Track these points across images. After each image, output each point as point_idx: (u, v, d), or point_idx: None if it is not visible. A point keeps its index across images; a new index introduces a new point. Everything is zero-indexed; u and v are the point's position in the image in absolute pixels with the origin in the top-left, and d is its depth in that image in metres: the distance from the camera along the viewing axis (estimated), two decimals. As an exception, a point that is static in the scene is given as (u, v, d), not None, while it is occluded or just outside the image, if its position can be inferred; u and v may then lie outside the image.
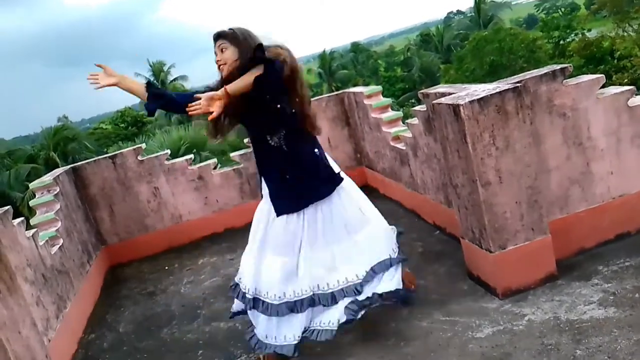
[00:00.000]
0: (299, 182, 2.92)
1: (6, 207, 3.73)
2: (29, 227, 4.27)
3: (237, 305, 3.21)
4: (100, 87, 2.80)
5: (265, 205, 3.02)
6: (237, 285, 3.14)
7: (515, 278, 3.18)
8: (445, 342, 2.90)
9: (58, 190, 5.10)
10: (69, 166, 6.00)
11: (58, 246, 4.51)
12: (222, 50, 2.82)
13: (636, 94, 3.47)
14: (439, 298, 3.40)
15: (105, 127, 39.41)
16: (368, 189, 6.15)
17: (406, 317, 3.26)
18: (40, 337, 3.21)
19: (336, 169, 3.08)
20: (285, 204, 2.93)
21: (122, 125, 37.63)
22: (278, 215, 2.93)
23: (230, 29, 2.85)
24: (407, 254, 4.18)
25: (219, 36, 2.86)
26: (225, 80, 2.77)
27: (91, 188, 5.80)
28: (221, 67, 2.84)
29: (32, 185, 5.26)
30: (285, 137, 2.90)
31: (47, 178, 5.23)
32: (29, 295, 3.53)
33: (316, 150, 3.01)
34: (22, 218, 3.93)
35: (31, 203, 5.09)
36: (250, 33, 2.86)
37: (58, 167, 14.97)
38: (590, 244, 3.45)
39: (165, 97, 2.89)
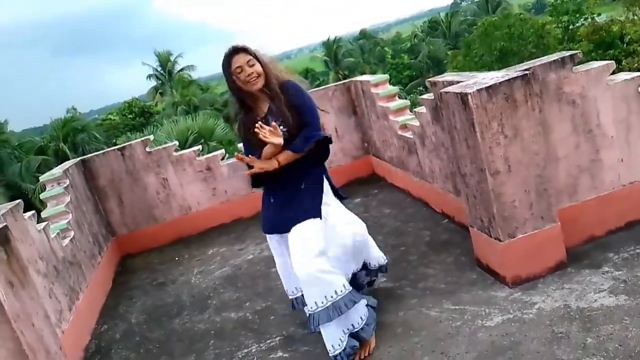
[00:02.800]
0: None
1: (17, 201, 3.77)
2: (40, 220, 4.32)
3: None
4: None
5: None
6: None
7: (524, 266, 3.17)
8: (455, 330, 2.91)
9: (68, 182, 5.14)
10: (78, 158, 6.04)
11: (69, 238, 4.56)
12: (251, 65, 2.87)
13: (647, 80, 3.42)
14: (447, 287, 3.41)
15: (113, 118, 39.52)
16: (375, 178, 6.16)
17: (414, 306, 3.27)
18: (53, 329, 3.25)
19: None
20: None
21: (130, 115, 37.76)
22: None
23: (246, 47, 2.90)
24: (414, 243, 4.20)
25: (243, 50, 2.89)
26: (255, 92, 2.91)
27: (100, 180, 5.84)
28: (254, 80, 2.89)
29: (43, 178, 5.30)
30: None
31: (57, 171, 5.27)
32: (42, 288, 3.57)
33: None
34: (32, 211, 3.97)
35: (41, 196, 5.14)
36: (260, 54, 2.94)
37: (68, 158, 15.02)
38: (600, 232, 3.44)
39: None
